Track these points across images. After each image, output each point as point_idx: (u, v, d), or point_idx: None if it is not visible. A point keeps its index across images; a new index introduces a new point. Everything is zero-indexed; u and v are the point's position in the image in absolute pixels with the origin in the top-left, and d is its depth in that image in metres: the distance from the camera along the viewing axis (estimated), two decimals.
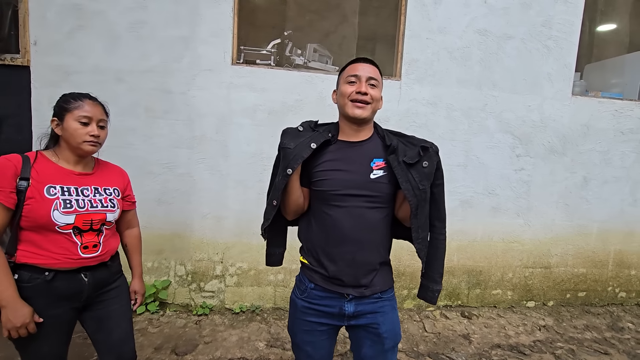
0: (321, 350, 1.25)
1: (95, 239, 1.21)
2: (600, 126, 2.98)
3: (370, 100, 1.11)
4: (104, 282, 1.28)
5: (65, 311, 1.19)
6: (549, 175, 2.97)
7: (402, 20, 2.69)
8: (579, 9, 2.83)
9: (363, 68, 1.13)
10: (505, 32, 2.77)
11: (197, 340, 2.30)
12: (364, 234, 1.13)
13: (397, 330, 1.22)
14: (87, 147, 1.18)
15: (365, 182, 1.12)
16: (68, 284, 1.17)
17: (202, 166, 2.58)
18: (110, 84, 2.46)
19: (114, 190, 1.29)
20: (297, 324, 1.24)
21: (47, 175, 1.14)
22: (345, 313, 1.17)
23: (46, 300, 1.14)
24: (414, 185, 1.09)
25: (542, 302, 3.10)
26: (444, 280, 2.91)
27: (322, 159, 1.16)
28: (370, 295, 1.17)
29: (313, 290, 1.19)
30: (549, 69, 2.86)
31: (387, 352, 1.20)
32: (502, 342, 2.49)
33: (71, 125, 1.16)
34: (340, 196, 1.12)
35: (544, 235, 3.03)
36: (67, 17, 2.40)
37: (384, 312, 1.18)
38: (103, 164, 1.35)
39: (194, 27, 2.48)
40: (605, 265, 3.14)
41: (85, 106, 1.18)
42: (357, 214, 1.12)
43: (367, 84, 1.11)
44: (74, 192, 1.17)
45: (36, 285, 1.13)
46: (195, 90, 2.52)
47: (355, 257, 1.14)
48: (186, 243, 2.62)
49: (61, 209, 1.13)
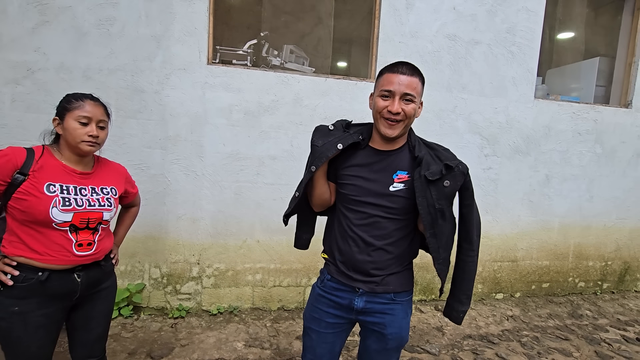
0: (324, 345, 1.26)
1: (90, 238, 1.23)
2: (560, 127, 3.18)
3: (403, 118, 1.07)
4: (97, 282, 1.29)
5: (56, 310, 1.20)
6: (514, 173, 3.13)
7: (376, 24, 2.76)
8: (540, 17, 3.02)
9: (399, 81, 1.05)
10: (473, 38, 2.91)
11: (173, 344, 2.26)
12: (374, 239, 1.14)
13: (403, 334, 1.21)
14: (85, 147, 1.19)
15: (383, 194, 1.12)
16: (61, 284, 1.18)
17: (177, 167, 2.54)
18: (77, 82, 2.37)
19: (111, 190, 1.31)
20: (310, 309, 1.28)
21: (48, 173, 1.16)
22: (354, 307, 1.19)
23: (39, 299, 1.16)
24: (429, 202, 1.06)
25: (510, 293, 3.27)
26: (419, 276, 3.02)
27: (349, 162, 1.18)
28: (381, 294, 1.17)
29: (329, 281, 1.24)
30: (513, 74, 3.02)
31: (390, 351, 1.22)
32: (473, 333, 2.61)
33: (71, 124, 1.17)
34: (358, 202, 1.15)
35: (511, 231, 3.19)
36: (31, 12, 2.30)
37: (393, 315, 1.18)
38: (103, 162, 1.36)
39: (167, 25, 2.43)
40: (566, 257, 3.35)
41: (85, 106, 1.19)
42: (371, 221, 1.14)
43: (400, 101, 1.05)
44: (72, 191, 1.19)
45: (30, 285, 1.14)
46: (169, 90, 2.48)
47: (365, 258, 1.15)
48: (161, 245, 2.57)
49: (60, 206, 1.14)
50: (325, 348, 1.26)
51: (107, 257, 1.34)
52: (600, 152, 3.29)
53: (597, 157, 3.29)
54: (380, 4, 2.73)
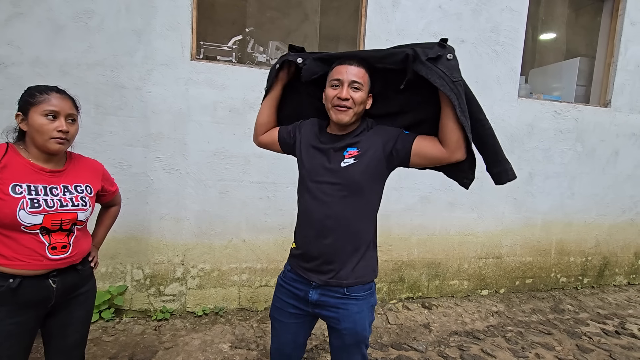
0: (287, 334, 1.29)
1: (65, 240, 1.14)
2: (542, 126, 3.24)
3: (351, 105, 1.13)
4: (73, 287, 1.21)
5: (29, 318, 1.12)
6: None
7: (363, 21, 2.75)
8: (523, 17, 3.06)
9: (347, 71, 1.13)
10: (459, 37, 2.93)
11: (157, 347, 2.20)
12: (331, 223, 1.15)
13: (358, 329, 1.19)
14: (53, 145, 1.10)
15: (335, 170, 1.15)
16: (35, 291, 1.10)
17: (159, 165, 2.47)
18: (54, 77, 2.28)
19: (85, 188, 1.22)
20: (273, 300, 1.33)
21: (14, 172, 1.07)
22: (309, 299, 1.21)
23: (9, 308, 1.08)
24: (446, 79, 1.03)
25: (495, 290, 3.32)
26: (406, 274, 3.03)
27: (308, 144, 1.24)
28: (335, 287, 1.17)
29: (289, 272, 1.29)
30: (497, 72, 3.06)
31: (349, 347, 1.22)
32: (459, 329, 2.64)
33: (37, 120, 1.08)
34: (313, 182, 1.19)
35: (495, 228, 3.24)
36: (3, 3, 2.19)
37: (347, 310, 1.18)
38: (76, 159, 1.26)
39: (149, 19, 2.36)
40: (548, 253, 3.42)
41: (52, 99, 1.10)
42: (324, 201, 1.16)
43: (349, 88, 1.12)
44: (41, 191, 1.10)
45: (1, 293, 1.06)
46: (151, 86, 2.41)
47: (319, 243, 1.17)
48: (143, 246, 2.50)
49: (28, 208, 1.06)
50: (288, 338, 1.30)
51: (85, 260, 1.26)
52: (581, 150, 3.37)
53: (578, 155, 3.37)
54: (366, 2, 2.72)
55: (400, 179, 2.92)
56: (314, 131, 1.27)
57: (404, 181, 2.94)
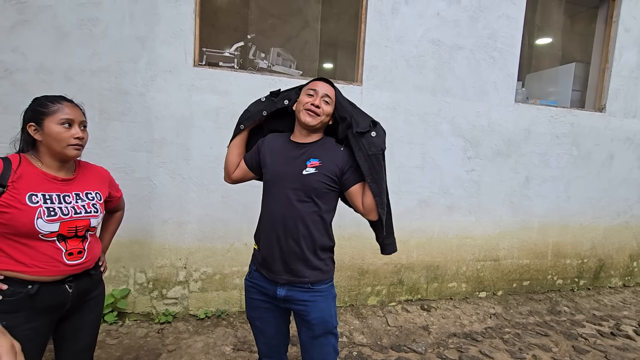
0: (270, 327, 1.39)
1: (80, 245, 1.18)
2: (539, 130, 3.30)
3: (320, 113, 1.29)
4: (86, 292, 1.25)
5: (45, 324, 1.15)
6: (496, 175, 3.23)
7: (363, 28, 2.80)
8: (520, 23, 3.12)
9: (322, 86, 1.32)
10: (456, 43, 2.98)
11: (160, 349, 2.23)
12: (291, 224, 1.26)
13: (326, 318, 1.31)
14: (71, 151, 1.15)
15: (297, 177, 1.27)
16: (52, 296, 1.14)
17: (162, 170, 2.50)
18: (58, 83, 2.31)
19: (96, 195, 1.26)
20: (247, 302, 1.41)
21: (29, 182, 1.10)
22: (277, 296, 1.31)
23: (27, 313, 1.10)
24: (364, 152, 1.26)
25: (492, 292, 3.37)
26: (405, 277, 3.07)
27: (272, 151, 1.36)
28: (299, 284, 1.29)
29: (255, 272, 1.38)
30: (495, 78, 3.11)
31: (319, 338, 1.32)
32: (457, 331, 2.68)
33: (54, 129, 1.12)
34: (276, 186, 1.30)
35: (493, 231, 3.29)
36: (8, 11, 2.22)
37: (314, 302, 1.30)
38: (83, 166, 1.30)
39: (152, 26, 2.40)
40: (545, 255, 3.48)
41: (65, 108, 1.15)
42: (287, 204, 1.27)
43: (321, 99, 1.29)
44: (56, 200, 1.14)
45: (19, 299, 1.08)
46: (154, 92, 2.44)
47: (281, 244, 1.28)
48: (146, 250, 2.53)
49: (45, 217, 1.09)
50: (272, 330, 1.40)
51: (96, 265, 1.30)
52: (577, 154, 3.43)
53: (574, 159, 3.43)
54: (366, 9, 2.77)
55: (400, 182, 2.96)
56: (278, 141, 1.39)
57: (403, 185, 2.98)
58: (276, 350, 1.45)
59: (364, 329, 2.64)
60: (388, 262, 3.01)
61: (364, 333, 2.58)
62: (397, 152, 2.93)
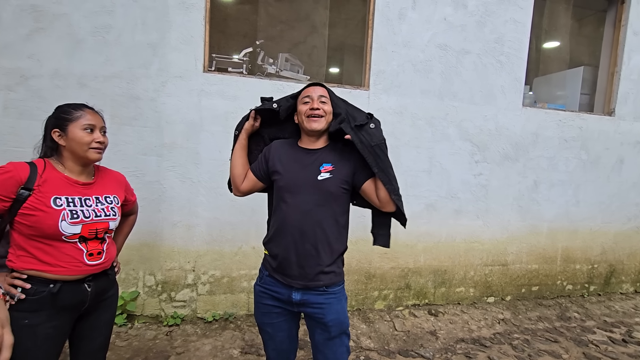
0: (281, 333, 1.39)
1: (100, 247, 1.24)
2: (547, 134, 3.28)
3: (323, 114, 1.32)
4: (103, 291, 1.29)
5: (65, 323, 1.20)
6: (504, 179, 3.22)
7: (370, 33, 2.82)
8: (527, 28, 3.12)
9: (314, 90, 1.35)
10: (463, 48, 2.99)
11: (169, 352, 2.25)
12: (307, 230, 1.27)
13: (341, 319, 1.34)
14: (93, 154, 1.22)
15: (313, 183, 1.29)
16: (72, 295, 1.19)
17: (172, 174, 2.54)
18: (72, 89, 2.37)
19: (114, 198, 1.31)
20: (257, 307, 1.41)
21: (53, 186, 1.16)
22: (293, 301, 1.32)
23: (49, 312, 1.15)
24: (366, 143, 1.27)
25: (501, 297, 3.34)
26: (413, 281, 3.06)
27: (282, 159, 1.37)
28: (315, 288, 1.30)
29: (267, 277, 1.37)
30: (502, 82, 3.11)
31: (335, 339, 1.34)
32: (465, 337, 2.66)
33: (77, 134, 1.19)
34: (292, 193, 1.30)
35: (501, 235, 3.27)
36: (25, 19, 2.29)
37: (329, 304, 1.32)
38: (102, 171, 1.36)
39: (164, 33, 2.45)
40: (554, 260, 3.44)
41: (87, 115, 1.22)
42: (304, 210, 1.28)
43: (318, 101, 1.32)
44: (78, 203, 1.19)
45: (41, 297, 1.13)
46: (165, 97, 2.49)
47: (298, 249, 1.28)
48: (156, 252, 2.56)
49: (68, 219, 1.15)
50: (283, 335, 1.40)
51: (112, 266, 1.34)
52: (586, 158, 3.40)
53: (583, 163, 3.40)
54: (373, 14, 2.80)
55: (407, 186, 2.97)
56: (285, 148, 1.40)
57: (410, 189, 2.99)
58: (285, 355, 1.45)
59: (371, 333, 2.63)
60: (395, 266, 3.01)
61: (371, 337, 2.58)
62: (404, 156, 2.94)
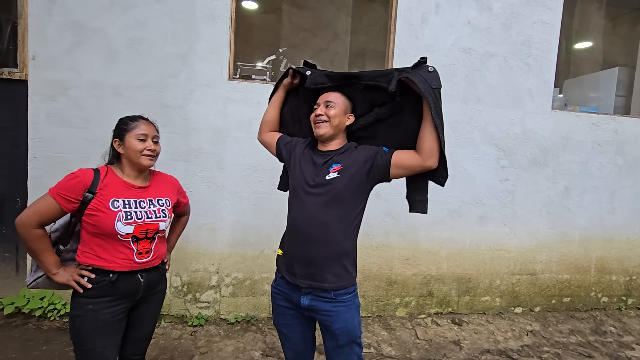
0: (295, 334, 1.42)
1: (148, 246, 1.37)
2: (578, 138, 3.15)
3: (326, 119, 1.34)
4: (155, 283, 1.44)
5: (122, 310, 1.35)
6: (532, 185, 3.10)
7: (392, 39, 2.83)
8: (556, 29, 3.02)
9: (325, 95, 1.38)
10: (488, 51, 2.93)
11: (193, 351, 2.32)
12: (315, 229, 1.29)
13: (350, 328, 1.32)
14: (145, 161, 1.34)
15: (321, 182, 1.31)
16: (128, 284, 1.33)
17: (199, 178, 2.63)
18: (107, 98, 2.52)
19: (165, 201, 1.43)
20: (273, 308, 1.45)
21: (112, 190, 1.31)
22: (301, 305, 1.33)
23: (109, 298, 1.31)
24: (427, 83, 1.19)
25: (529, 308, 3.21)
26: (435, 288, 3.00)
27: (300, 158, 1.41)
28: (320, 291, 1.30)
29: (280, 278, 1.41)
30: (529, 85, 3.02)
31: (344, 347, 1.34)
32: (491, 348, 2.57)
33: (132, 143, 1.33)
34: (301, 192, 1.33)
35: (529, 243, 3.15)
36: (66, 33, 2.46)
37: (337, 312, 1.31)
38: (157, 175, 1.49)
39: (192, 43, 2.56)
40: (587, 271, 3.27)
41: (141, 125, 1.36)
42: (311, 210, 1.30)
43: (324, 106, 1.35)
44: (133, 205, 1.32)
45: (103, 285, 1.29)
46: (192, 105, 2.59)
47: (304, 248, 1.30)
48: (182, 254, 2.65)
49: (123, 220, 1.28)
50: (297, 336, 1.43)
51: (162, 262, 1.47)
52: (622, 163, 3.23)
53: (619, 169, 3.23)
54: (395, 20, 2.80)
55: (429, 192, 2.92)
56: (307, 148, 1.44)
57: (432, 194, 2.90)
58: (302, 356, 1.47)
59: (392, 340, 2.60)
60: (417, 272, 2.96)
61: (392, 345, 2.54)
62: None
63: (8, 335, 2.36)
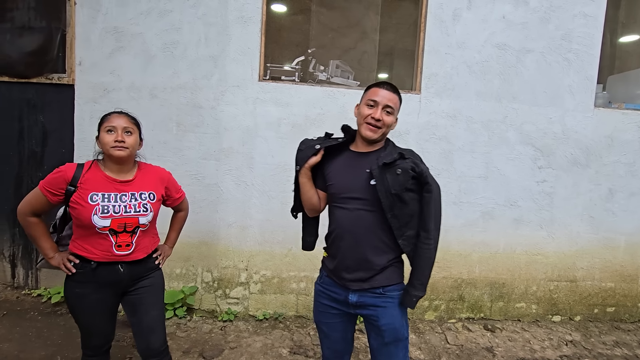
0: (336, 333, 1.41)
1: (129, 239, 1.40)
2: (625, 138, 2.94)
3: (382, 126, 1.27)
4: (139, 275, 1.48)
5: (108, 295, 1.44)
6: (572, 187, 2.94)
7: (422, 36, 2.77)
8: (599, 22, 2.85)
9: (383, 94, 1.27)
10: (524, 46, 2.81)
11: (223, 346, 2.37)
12: (360, 234, 1.27)
13: (396, 325, 1.30)
14: (115, 152, 1.35)
15: (364, 187, 1.26)
16: (108, 273, 1.40)
17: (229, 177, 2.70)
18: (145, 100, 2.64)
19: (149, 195, 1.44)
20: (315, 306, 1.45)
21: (93, 184, 1.35)
22: (349, 302, 1.32)
23: (93, 285, 1.40)
24: (386, 188, 1.21)
25: (569, 316, 3.03)
26: (467, 293, 2.90)
27: (333, 165, 1.36)
28: (370, 289, 1.29)
29: (326, 277, 1.40)
30: (569, 82, 2.86)
31: (389, 345, 1.31)
32: (527, 356, 2.45)
33: (102, 136, 1.37)
34: (343, 198, 1.30)
35: (569, 248, 2.98)
36: (109, 39, 2.60)
37: (385, 307, 1.29)
38: (144, 168, 1.51)
39: (224, 46, 2.63)
40: (634, 280, 3.05)
41: (110, 118, 1.39)
42: (355, 215, 1.28)
43: (382, 111, 1.26)
44: (112, 199, 1.36)
45: (86, 272, 1.39)
46: (224, 105, 2.66)
47: (352, 254, 1.29)
48: (213, 251, 2.72)
49: (99, 214, 1.33)
50: (337, 335, 1.42)
51: (149, 256, 1.50)
52: None
53: None
54: (425, 16, 2.75)
55: (460, 193, 2.84)
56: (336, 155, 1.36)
57: (464, 196, 2.85)
58: (340, 356, 1.47)
59: (421, 344, 2.54)
60: (447, 276, 2.87)
61: (421, 349, 2.48)
62: (458, 161, 2.82)
63: (54, 323, 2.52)
